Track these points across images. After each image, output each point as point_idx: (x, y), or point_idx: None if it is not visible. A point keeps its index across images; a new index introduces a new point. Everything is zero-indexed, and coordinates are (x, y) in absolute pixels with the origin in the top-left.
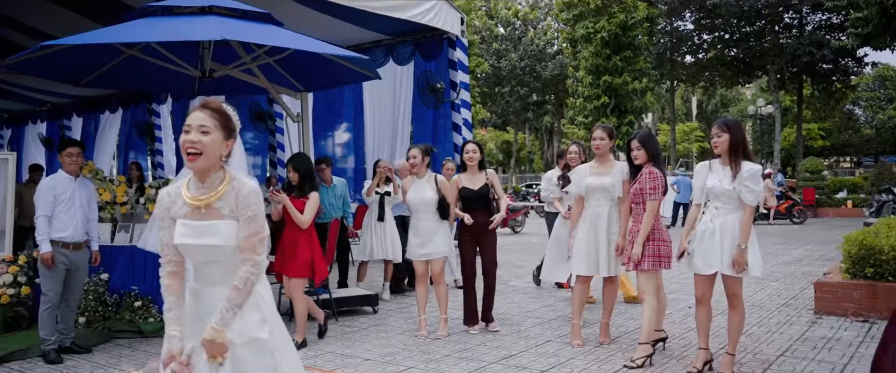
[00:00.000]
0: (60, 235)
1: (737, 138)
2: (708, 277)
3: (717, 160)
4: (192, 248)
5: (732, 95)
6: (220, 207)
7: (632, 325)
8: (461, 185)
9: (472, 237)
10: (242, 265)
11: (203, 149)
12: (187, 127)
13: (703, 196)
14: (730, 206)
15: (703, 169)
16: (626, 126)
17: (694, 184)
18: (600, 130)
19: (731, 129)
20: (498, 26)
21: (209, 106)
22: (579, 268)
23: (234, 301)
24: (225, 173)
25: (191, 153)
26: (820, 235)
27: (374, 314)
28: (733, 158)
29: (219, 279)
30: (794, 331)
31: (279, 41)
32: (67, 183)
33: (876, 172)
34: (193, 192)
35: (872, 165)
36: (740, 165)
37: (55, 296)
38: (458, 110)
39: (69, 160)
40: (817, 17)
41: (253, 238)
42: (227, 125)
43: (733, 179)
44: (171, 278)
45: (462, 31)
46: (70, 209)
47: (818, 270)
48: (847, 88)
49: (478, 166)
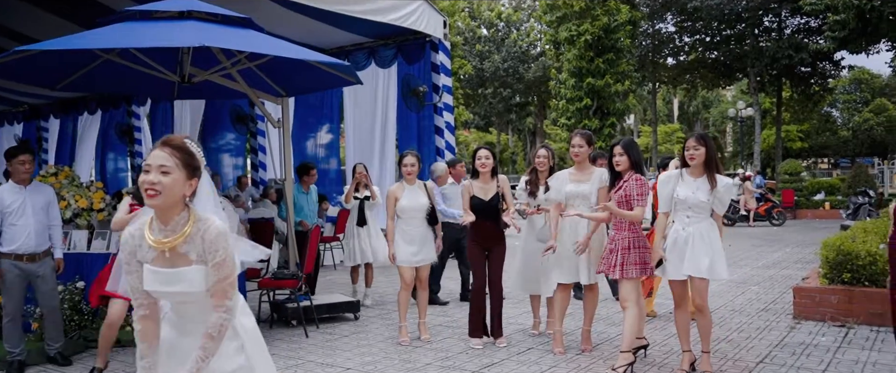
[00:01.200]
0: (11, 247)
1: (713, 152)
2: (684, 282)
3: (686, 171)
4: (162, 294)
5: (713, 97)
6: (187, 251)
7: (613, 331)
8: (472, 192)
9: (481, 247)
10: (214, 312)
11: (163, 189)
12: (147, 166)
13: (671, 205)
14: (701, 215)
15: (672, 179)
16: (609, 128)
17: (662, 193)
18: (579, 137)
19: (708, 143)
20: (481, 28)
21: (170, 143)
22: (559, 276)
23: (208, 351)
24: (189, 213)
25: (150, 194)
26: (798, 237)
27: (355, 321)
28: (709, 172)
29: (197, 315)
30: (773, 337)
31: (259, 47)
32: (16, 193)
33: (852, 174)
34: (156, 234)
35: (849, 166)
36: (716, 180)
37: (14, 310)
38: (440, 114)
39: (21, 168)
40: (796, 21)
41: (223, 283)
42: (189, 163)
43: (710, 192)
44: (143, 323)
45: (445, 34)
46: (21, 219)
47: (797, 274)
48: (825, 91)
49: (491, 174)
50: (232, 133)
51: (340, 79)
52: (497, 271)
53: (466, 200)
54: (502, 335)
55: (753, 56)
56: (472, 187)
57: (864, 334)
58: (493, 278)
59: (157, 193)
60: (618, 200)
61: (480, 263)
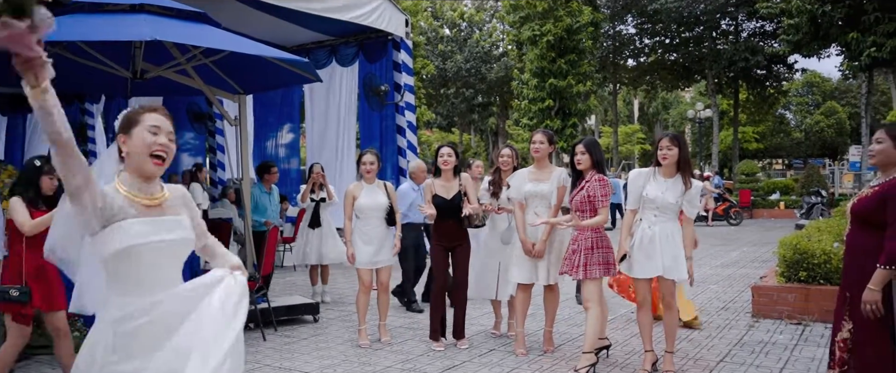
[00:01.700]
0: None
1: (685, 154)
2: (648, 281)
3: (658, 170)
4: (157, 246)
5: (672, 99)
6: (172, 204)
7: (576, 332)
8: (434, 192)
9: (444, 247)
10: (209, 241)
11: (169, 156)
12: (155, 128)
13: (639, 203)
14: (668, 215)
15: (641, 177)
16: (570, 128)
17: (630, 190)
18: (540, 135)
19: (682, 144)
20: (443, 28)
21: (163, 111)
22: (519, 276)
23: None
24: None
25: (159, 157)
26: (755, 236)
27: (314, 323)
28: (682, 173)
29: (172, 279)
30: (732, 335)
31: (214, 42)
32: None
33: (805, 175)
34: (144, 192)
35: (802, 167)
36: (690, 182)
37: None
38: (402, 113)
39: None
40: (752, 25)
41: (203, 224)
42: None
43: (681, 194)
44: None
45: (407, 32)
46: None
47: (754, 273)
48: (779, 93)
49: (452, 172)
50: (190, 132)
51: (299, 76)
52: (462, 272)
53: (428, 198)
54: (465, 337)
55: (711, 58)
56: (435, 186)
57: (819, 332)
58: (459, 280)
59: (164, 159)
60: (581, 200)
61: (443, 264)
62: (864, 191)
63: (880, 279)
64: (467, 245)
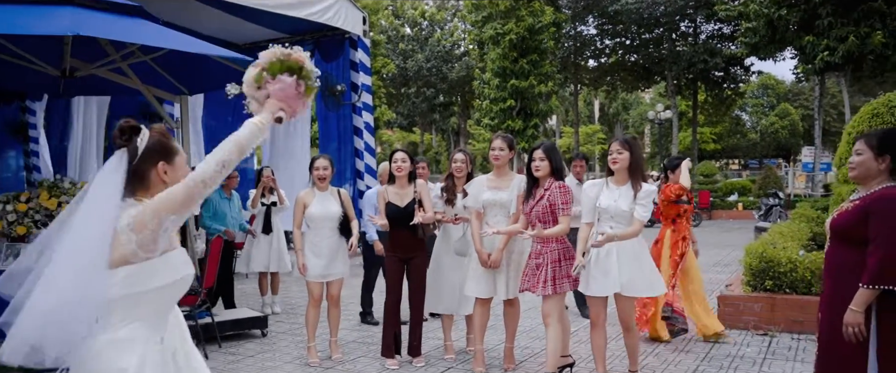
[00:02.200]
0: None
1: (637, 157)
2: (603, 299)
3: (610, 179)
4: (188, 280)
5: (633, 100)
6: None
7: (538, 346)
8: (387, 199)
9: (399, 258)
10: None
11: None
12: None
13: (595, 215)
14: (624, 225)
15: (595, 187)
16: (532, 129)
17: (584, 202)
18: (500, 141)
19: (632, 147)
20: (404, 26)
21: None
22: (477, 290)
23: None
24: None
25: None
26: (715, 238)
27: (263, 338)
28: (633, 178)
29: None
30: (700, 349)
31: (148, 39)
32: None
33: (762, 176)
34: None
35: (758, 167)
36: (640, 185)
37: None
38: (359, 113)
39: None
40: (711, 27)
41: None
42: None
43: (633, 200)
44: None
45: (364, 30)
46: None
47: (717, 278)
48: (736, 95)
49: (407, 178)
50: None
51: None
52: (418, 284)
53: (381, 206)
54: (421, 354)
55: (671, 60)
56: (388, 193)
57: (785, 344)
58: (415, 293)
59: None
60: (542, 209)
61: (397, 276)
62: (844, 205)
63: (863, 300)
64: (424, 256)
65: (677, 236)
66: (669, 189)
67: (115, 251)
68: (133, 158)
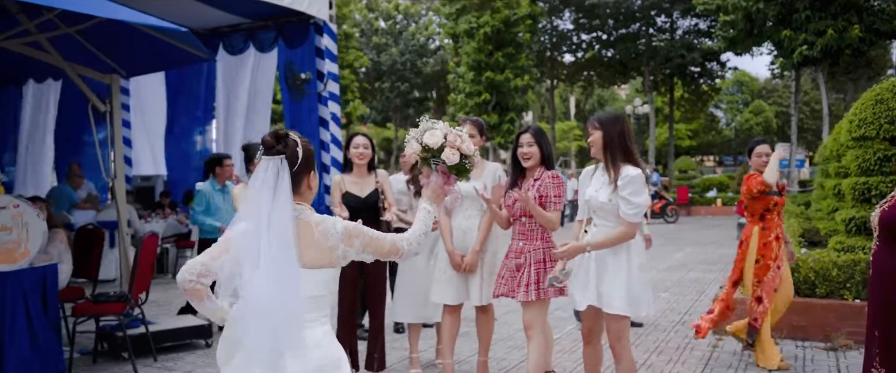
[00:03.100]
0: None
1: (612, 135)
2: (595, 310)
3: (601, 166)
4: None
5: (608, 96)
6: None
7: (515, 357)
8: (344, 189)
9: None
10: None
11: None
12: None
13: (586, 211)
14: (610, 222)
15: (588, 174)
16: (508, 124)
17: (580, 194)
18: (470, 125)
19: (605, 124)
20: (378, 20)
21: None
22: (445, 296)
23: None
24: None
25: None
26: (696, 235)
27: (206, 348)
28: (609, 161)
29: None
30: (695, 358)
31: (65, 2)
32: None
33: (741, 173)
34: None
35: (732, 164)
36: (619, 170)
37: None
38: (325, 103)
39: None
40: (687, 22)
41: None
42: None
43: (612, 189)
44: None
45: (331, 15)
46: None
47: (705, 277)
48: (713, 91)
49: (367, 167)
50: (99, 123)
51: (188, 54)
52: (379, 291)
53: (338, 197)
54: (385, 368)
55: (648, 55)
56: (345, 183)
57: (789, 351)
58: (373, 300)
59: None
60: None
61: (353, 281)
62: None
63: None
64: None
65: (768, 235)
66: (752, 180)
67: (324, 256)
68: (293, 165)
